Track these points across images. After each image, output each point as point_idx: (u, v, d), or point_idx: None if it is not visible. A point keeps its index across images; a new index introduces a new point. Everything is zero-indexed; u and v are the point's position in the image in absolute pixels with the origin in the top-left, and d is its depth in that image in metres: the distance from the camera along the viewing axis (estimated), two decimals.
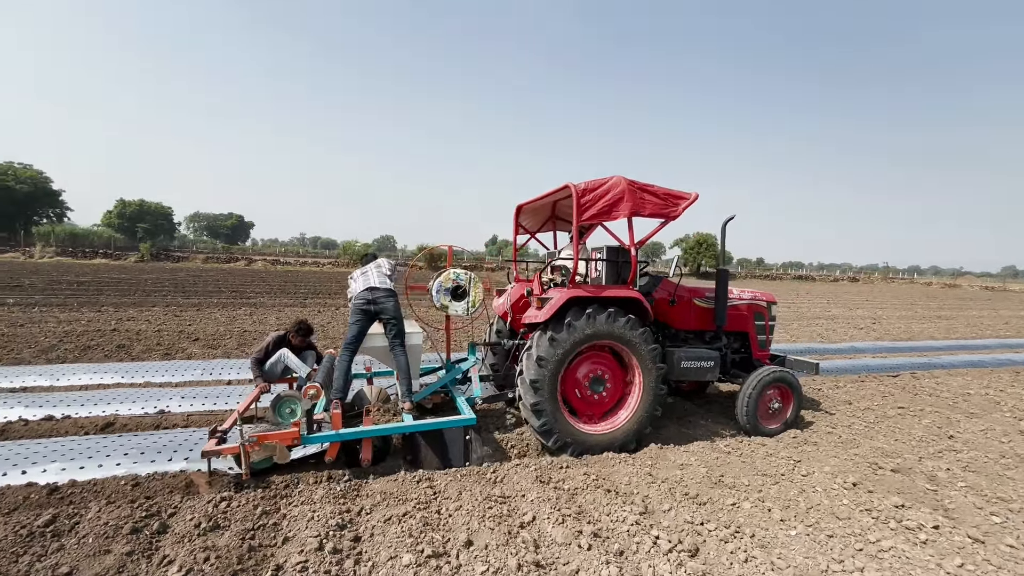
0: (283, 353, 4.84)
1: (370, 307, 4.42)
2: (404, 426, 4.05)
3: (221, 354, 7.87)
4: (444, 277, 4.90)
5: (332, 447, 3.89)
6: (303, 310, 13.80)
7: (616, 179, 4.31)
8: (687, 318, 5.40)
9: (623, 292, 4.52)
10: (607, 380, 4.61)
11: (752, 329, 5.75)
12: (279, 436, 3.58)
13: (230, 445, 3.51)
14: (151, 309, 12.53)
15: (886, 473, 4.19)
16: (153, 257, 37.69)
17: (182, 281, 21.22)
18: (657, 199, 4.45)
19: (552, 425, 4.25)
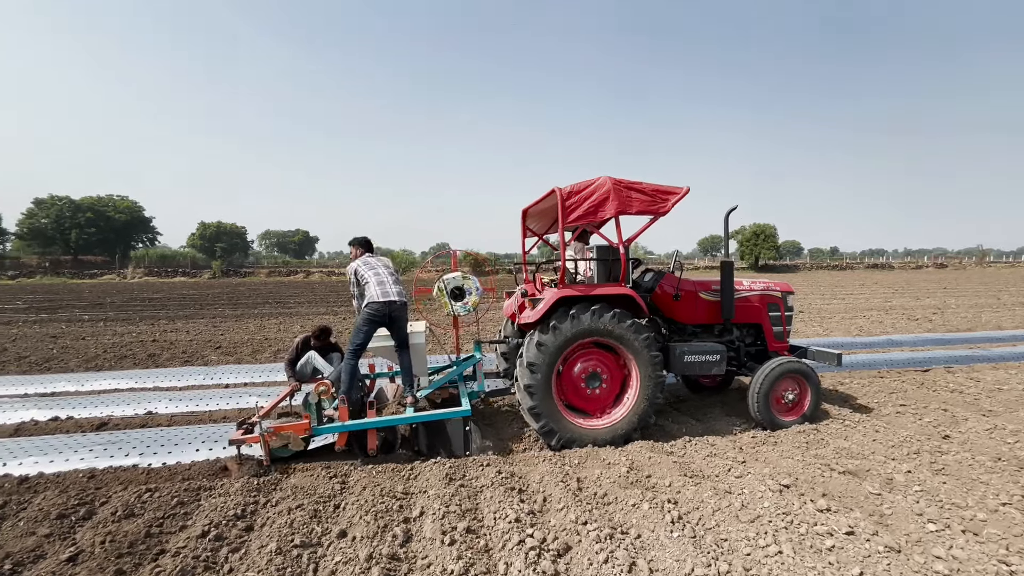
0: (310, 355, 5.27)
1: (385, 319, 4.61)
2: (403, 418, 4.43)
3: (233, 360, 8.56)
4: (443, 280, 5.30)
5: (340, 437, 4.29)
6: (333, 317, 14.61)
7: (601, 179, 4.40)
8: (694, 312, 5.36)
9: (614, 289, 4.60)
10: (603, 375, 4.68)
11: (766, 321, 5.58)
12: (292, 427, 4.08)
13: (253, 435, 4.02)
14: (196, 321, 13.78)
15: (833, 476, 3.85)
16: (223, 273, 41.24)
17: (238, 294, 23.08)
18: (645, 196, 4.50)
19: (552, 426, 4.42)
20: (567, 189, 4.42)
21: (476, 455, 4.33)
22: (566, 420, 4.51)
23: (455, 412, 4.45)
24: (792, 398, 5.05)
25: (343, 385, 4.50)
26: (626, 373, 4.79)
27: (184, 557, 2.84)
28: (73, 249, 52.01)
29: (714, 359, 4.95)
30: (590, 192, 4.40)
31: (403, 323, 4.77)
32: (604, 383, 4.72)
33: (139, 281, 36.20)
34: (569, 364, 4.67)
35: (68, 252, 51.85)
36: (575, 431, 4.51)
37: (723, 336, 5.45)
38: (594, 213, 4.38)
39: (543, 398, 4.43)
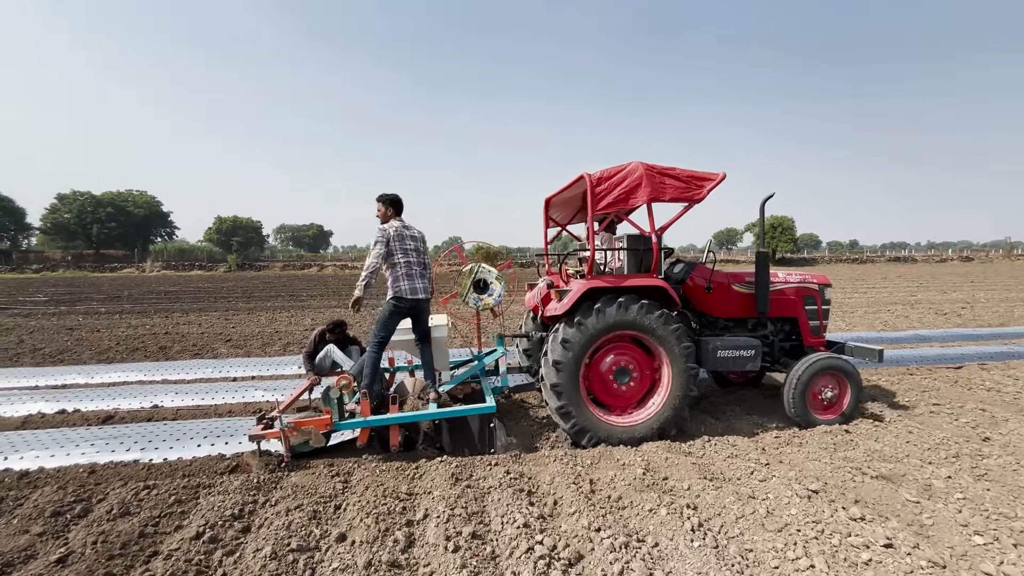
0: (329, 349, 5.17)
1: (410, 312, 4.48)
2: (425, 413, 4.30)
3: (243, 353, 8.50)
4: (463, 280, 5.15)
5: (362, 433, 4.21)
6: (345, 311, 14.56)
7: (633, 165, 4.22)
8: (726, 305, 5.16)
9: (645, 280, 4.41)
10: (633, 370, 4.52)
11: (802, 314, 5.34)
12: (314, 422, 4.01)
13: (272, 430, 3.94)
14: (209, 314, 13.83)
15: (865, 480, 3.60)
16: (239, 267, 41.69)
17: (252, 287, 23.25)
18: (679, 182, 4.31)
19: (582, 424, 4.28)
20: (596, 175, 4.22)
21: (501, 453, 4.19)
22: (596, 418, 4.35)
23: (480, 409, 4.32)
24: (831, 396, 4.82)
25: (365, 379, 4.37)
26: (657, 367, 4.60)
27: (176, 560, 2.72)
28: (95, 243, 53.20)
29: (748, 355, 4.72)
30: (621, 178, 4.20)
31: (426, 316, 4.64)
32: (634, 378, 4.54)
33: (157, 274, 36.77)
34: (597, 358, 4.51)
35: (90, 246, 53.04)
36: (607, 429, 4.35)
37: (756, 330, 5.21)
38: (625, 200, 4.19)
39: (572, 397, 4.26)
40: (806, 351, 5.27)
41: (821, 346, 5.39)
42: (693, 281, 5.10)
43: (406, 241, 4.46)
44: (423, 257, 4.61)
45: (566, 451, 4.13)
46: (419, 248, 4.58)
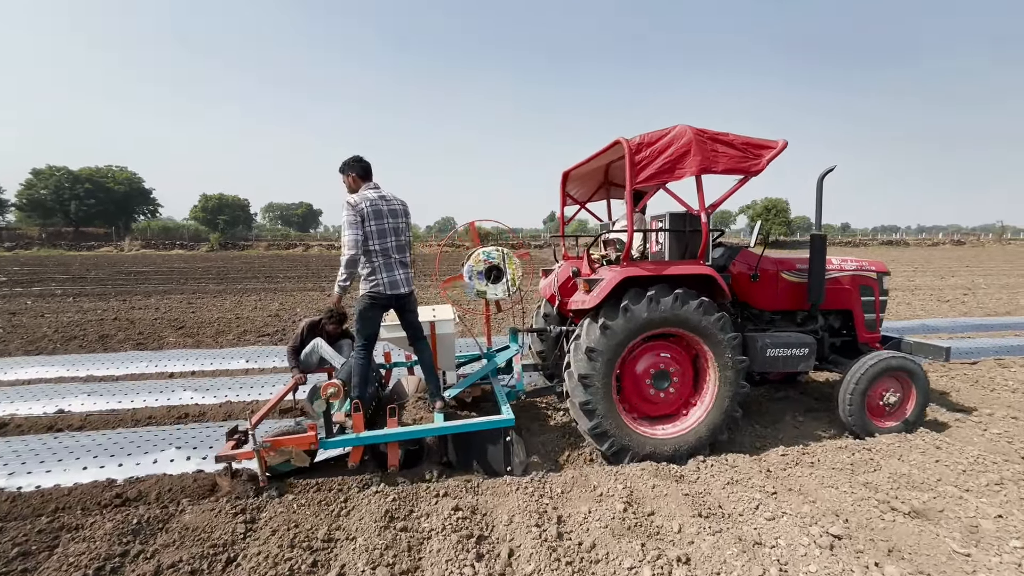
0: (317, 343, 4.55)
1: (392, 304, 3.80)
2: (432, 428, 3.62)
3: (192, 343, 7.71)
4: (474, 259, 4.45)
5: (354, 451, 3.50)
6: (319, 294, 13.74)
7: (679, 128, 3.55)
8: (773, 296, 4.50)
9: (692, 268, 3.76)
10: (674, 375, 3.92)
11: (858, 306, 4.71)
12: (295, 441, 3.32)
13: (245, 449, 3.25)
14: (173, 296, 12.96)
15: (896, 520, 2.92)
16: (222, 247, 40.47)
17: (229, 268, 22.26)
18: (734, 150, 3.66)
19: (606, 427, 3.67)
20: (636, 140, 3.54)
21: (518, 473, 3.59)
22: (637, 433, 3.76)
23: (495, 422, 3.65)
24: (894, 401, 4.25)
25: (356, 388, 3.71)
26: (701, 374, 4.00)
27: None
28: (73, 220, 51.44)
29: (802, 353, 4.13)
30: (666, 144, 3.53)
31: (414, 313, 3.94)
32: (675, 382, 3.93)
33: (135, 253, 35.52)
34: (631, 361, 3.89)
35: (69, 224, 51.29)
36: (635, 439, 3.73)
37: (806, 324, 4.58)
38: (670, 171, 3.53)
39: (606, 413, 3.64)
40: (860, 348, 4.69)
41: (875, 342, 4.77)
42: (736, 268, 4.43)
43: (383, 218, 3.62)
44: (404, 237, 3.79)
45: (532, 477, 3.40)
46: (399, 227, 3.74)
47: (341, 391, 3.53)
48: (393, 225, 3.69)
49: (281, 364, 6.48)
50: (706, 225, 3.73)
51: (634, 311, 3.58)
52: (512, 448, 3.65)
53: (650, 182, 3.60)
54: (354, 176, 3.75)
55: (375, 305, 3.71)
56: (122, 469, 3.52)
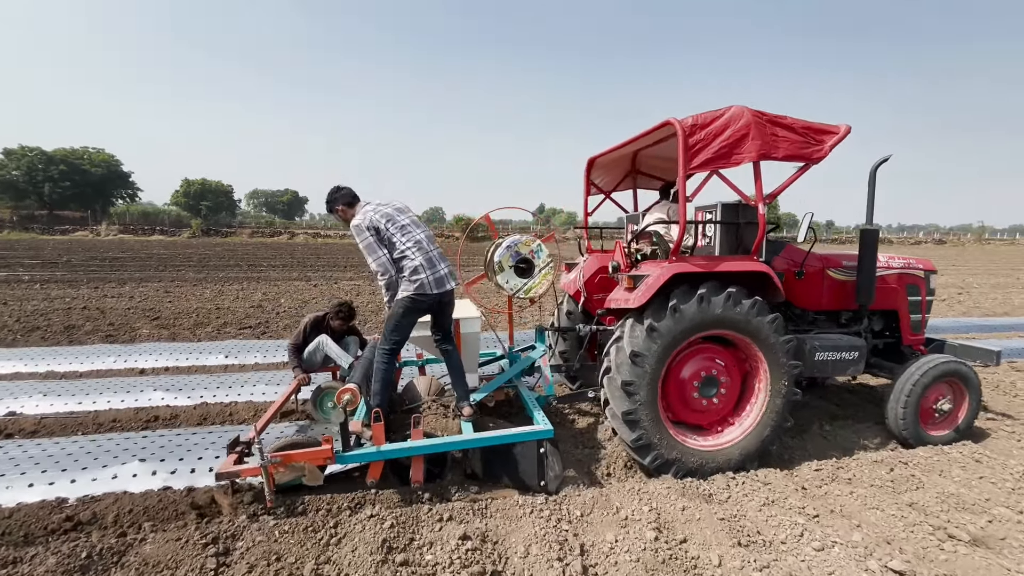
0: (322, 341, 4.31)
1: (433, 302, 3.44)
2: (463, 440, 3.26)
3: (167, 336, 7.18)
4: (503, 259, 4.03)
5: (374, 466, 3.15)
6: (304, 284, 13.20)
7: (736, 109, 3.25)
8: (818, 295, 4.23)
9: (746, 264, 3.46)
10: (722, 381, 3.62)
11: (904, 307, 4.45)
12: (308, 455, 2.94)
13: (249, 465, 2.85)
14: (150, 284, 12.31)
15: (958, 550, 2.61)
16: (204, 233, 39.33)
17: (210, 255, 21.49)
18: (794, 135, 3.38)
19: (651, 439, 3.36)
20: (689, 121, 3.23)
21: (552, 488, 3.25)
22: (683, 445, 3.46)
23: (534, 433, 3.28)
24: (947, 408, 4.01)
25: (375, 396, 3.37)
26: (750, 381, 3.71)
27: None
28: (48, 203, 49.59)
29: (851, 356, 3.89)
30: (722, 126, 3.23)
31: (452, 311, 3.67)
32: (723, 389, 3.63)
33: (113, 238, 34.30)
34: (676, 365, 3.59)
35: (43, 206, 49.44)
36: (681, 451, 3.43)
37: (849, 326, 4.30)
38: (727, 156, 3.24)
39: (646, 401, 3.32)
40: (903, 351, 4.47)
41: (919, 344, 4.52)
42: (780, 264, 4.11)
43: (397, 216, 3.41)
44: (430, 235, 3.57)
45: (547, 498, 3.03)
46: (417, 221, 3.54)
47: (358, 397, 3.16)
48: (411, 218, 3.50)
49: (264, 360, 6.03)
50: (763, 217, 3.39)
51: (683, 311, 3.26)
52: (547, 460, 3.27)
53: (704, 168, 3.29)
54: (343, 207, 3.54)
55: (417, 308, 3.38)
56: (75, 486, 3.06)
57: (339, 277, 14.86)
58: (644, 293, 3.29)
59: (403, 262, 3.35)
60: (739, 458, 3.51)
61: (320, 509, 2.87)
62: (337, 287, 12.77)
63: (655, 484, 3.23)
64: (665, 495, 3.10)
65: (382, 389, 3.39)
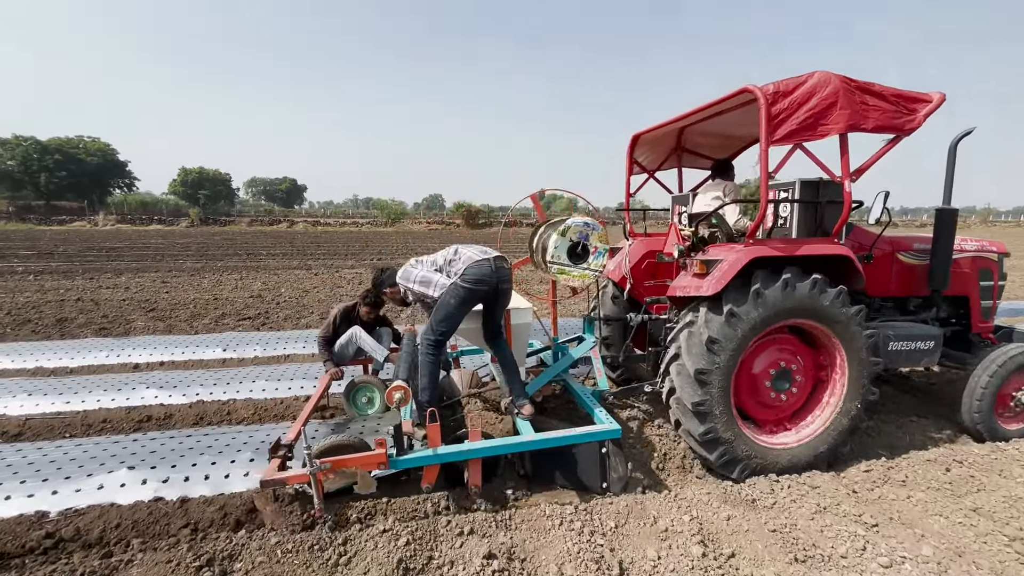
0: (355, 333, 4.08)
1: (489, 292, 3.17)
2: (527, 442, 2.97)
3: (163, 328, 6.89)
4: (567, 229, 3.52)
5: (428, 471, 2.88)
6: (305, 273, 12.89)
7: (821, 75, 2.94)
8: (886, 280, 3.97)
9: (828, 248, 3.19)
10: (797, 374, 3.36)
11: (975, 292, 4.15)
12: (361, 460, 2.71)
13: (296, 472, 2.60)
14: (146, 275, 12.01)
15: None
16: (202, 222, 38.95)
17: (209, 245, 21.16)
18: (885, 104, 3.08)
19: (721, 433, 3.12)
20: (771, 88, 2.93)
21: (616, 489, 3.01)
22: (754, 442, 3.22)
23: (599, 434, 3.01)
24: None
25: (423, 393, 3.15)
26: (824, 374, 3.45)
27: None
28: (44, 194, 49.07)
29: (927, 347, 3.64)
30: (807, 94, 2.92)
31: (508, 300, 3.40)
32: (797, 382, 3.38)
33: (110, 228, 33.92)
34: (749, 357, 3.31)
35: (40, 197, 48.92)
36: (753, 448, 3.20)
37: (917, 313, 4.03)
38: (812, 127, 2.95)
39: (722, 418, 3.09)
40: (971, 339, 4.19)
41: (988, 332, 4.25)
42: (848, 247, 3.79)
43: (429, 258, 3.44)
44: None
45: (576, 506, 2.75)
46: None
47: (410, 395, 2.90)
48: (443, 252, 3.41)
49: (263, 353, 5.74)
50: (849, 195, 3.08)
51: (767, 297, 3.00)
52: (609, 461, 3.01)
53: (787, 141, 2.97)
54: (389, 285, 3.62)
55: (473, 296, 3.12)
56: (57, 498, 2.78)
57: (340, 265, 14.53)
58: (720, 279, 3.00)
59: (454, 264, 3.21)
60: (809, 459, 3.27)
61: (327, 522, 2.59)
62: (339, 275, 12.46)
63: (692, 490, 2.96)
64: (706, 502, 2.82)
65: (430, 384, 3.15)
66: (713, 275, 3.06)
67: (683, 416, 3.21)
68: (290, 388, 4.52)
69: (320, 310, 8.18)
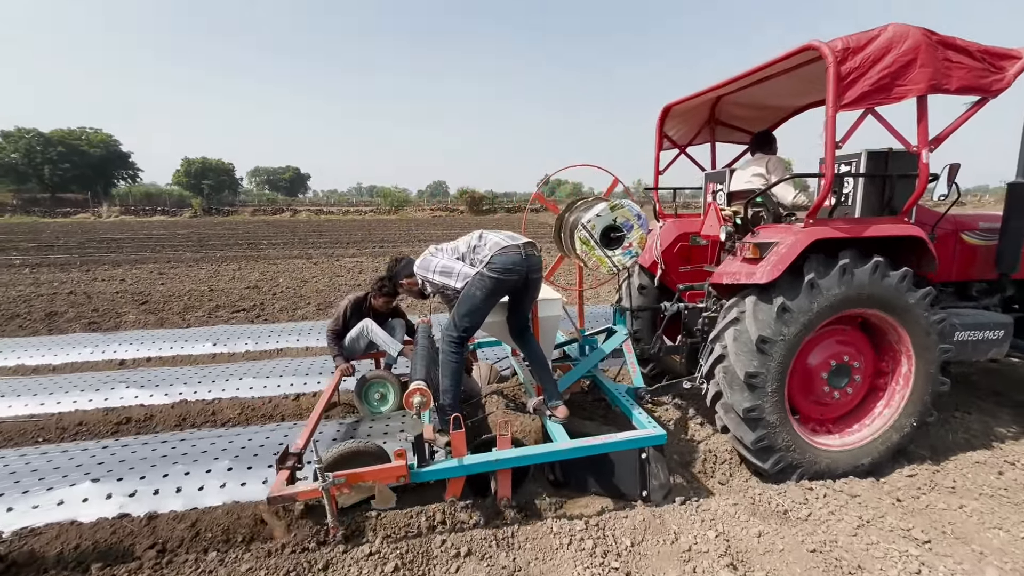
0: (367, 326, 3.87)
1: (519, 281, 2.81)
2: (563, 450, 2.63)
3: (155, 321, 6.65)
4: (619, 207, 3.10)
5: (453, 483, 2.59)
6: (305, 262, 12.62)
7: (897, 28, 2.56)
8: (948, 262, 3.62)
9: (898, 228, 2.84)
10: (856, 370, 3.07)
11: None
12: (379, 473, 2.42)
13: (307, 488, 2.30)
14: (144, 266, 11.79)
15: None
16: (205, 212, 38.78)
17: (210, 235, 20.96)
18: (971, 61, 2.68)
19: (774, 439, 2.85)
20: (839, 45, 2.54)
21: (657, 497, 2.73)
22: (796, 433, 2.91)
23: (643, 439, 2.70)
24: None
25: (444, 393, 2.82)
26: (887, 367, 3.13)
27: None
28: (49, 186, 49.09)
29: (996, 336, 3.28)
30: (881, 49, 2.54)
31: (538, 291, 3.06)
32: (856, 379, 3.08)
33: (114, 220, 33.83)
34: (803, 349, 2.98)
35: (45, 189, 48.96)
36: (809, 453, 2.91)
37: (980, 299, 3.68)
38: (887, 88, 2.57)
39: (773, 396, 2.78)
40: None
41: None
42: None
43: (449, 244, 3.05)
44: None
45: (587, 521, 2.45)
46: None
47: (430, 398, 2.61)
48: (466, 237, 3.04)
49: (255, 347, 5.47)
50: (926, 168, 2.70)
51: (822, 287, 2.69)
52: (650, 467, 2.73)
53: (857, 104, 2.59)
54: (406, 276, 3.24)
55: (501, 287, 2.76)
56: (12, 516, 2.52)
57: (341, 254, 14.24)
58: (776, 265, 2.66)
59: (479, 251, 2.86)
60: (875, 458, 2.98)
61: (305, 546, 2.31)
62: (339, 264, 12.18)
63: (716, 501, 2.65)
64: (732, 514, 2.52)
65: (453, 386, 2.82)
66: (768, 260, 2.71)
67: (732, 423, 2.92)
68: (279, 386, 4.24)
69: (318, 300, 7.91)
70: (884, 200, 3.13)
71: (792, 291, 2.69)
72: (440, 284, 2.93)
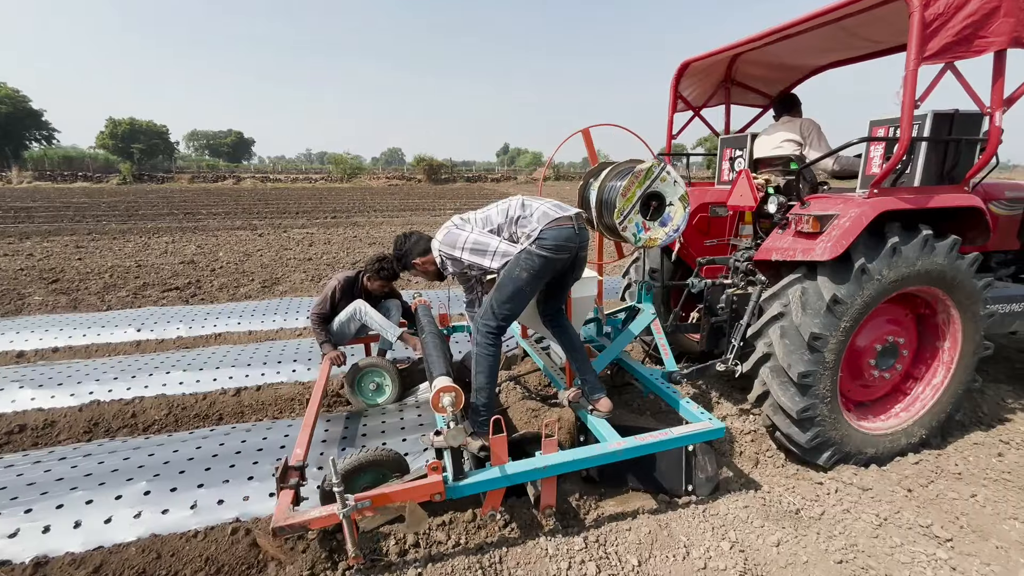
0: (359, 308, 3.46)
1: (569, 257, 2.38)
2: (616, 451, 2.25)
3: (66, 303, 5.77)
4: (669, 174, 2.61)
5: (492, 496, 2.18)
6: (249, 233, 11.59)
7: None
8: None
9: (958, 198, 2.61)
10: (903, 350, 2.89)
11: None
12: (411, 492, 1.98)
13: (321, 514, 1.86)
14: (59, 238, 10.45)
15: None
16: (136, 179, 35.48)
17: (140, 203, 19.07)
18: None
19: (827, 436, 2.64)
20: None
21: (704, 492, 2.48)
22: (848, 425, 2.72)
23: (700, 434, 2.41)
24: None
25: (478, 392, 2.39)
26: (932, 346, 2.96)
27: None
28: None
29: (1021, 308, 3.15)
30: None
31: (581, 272, 2.67)
32: (902, 359, 2.91)
33: (26, 186, 30.26)
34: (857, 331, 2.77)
35: None
36: (857, 441, 2.73)
37: (998, 270, 3.53)
38: (970, 39, 2.28)
39: (826, 394, 2.56)
40: None
41: None
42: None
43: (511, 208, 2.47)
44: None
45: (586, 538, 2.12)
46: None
47: (461, 397, 2.16)
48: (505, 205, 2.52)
49: (188, 333, 4.80)
50: (998, 131, 2.43)
51: (871, 271, 2.42)
52: (695, 459, 2.48)
53: (939, 58, 2.29)
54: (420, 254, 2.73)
55: (551, 267, 2.32)
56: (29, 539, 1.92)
57: (289, 225, 13.22)
58: (840, 240, 2.36)
59: (525, 223, 2.37)
60: (921, 437, 2.86)
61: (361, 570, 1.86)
62: (287, 236, 11.25)
63: (725, 503, 2.38)
64: (744, 519, 2.26)
65: (489, 383, 2.39)
66: (830, 235, 2.41)
67: (782, 423, 2.68)
68: (215, 380, 3.66)
69: (263, 277, 7.16)
70: (945, 168, 2.87)
71: (842, 276, 2.42)
72: (469, 263, 2.44)
